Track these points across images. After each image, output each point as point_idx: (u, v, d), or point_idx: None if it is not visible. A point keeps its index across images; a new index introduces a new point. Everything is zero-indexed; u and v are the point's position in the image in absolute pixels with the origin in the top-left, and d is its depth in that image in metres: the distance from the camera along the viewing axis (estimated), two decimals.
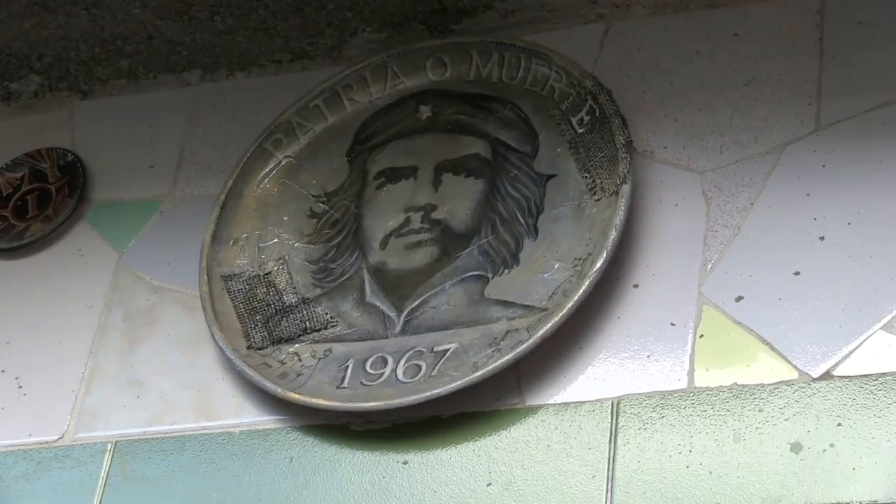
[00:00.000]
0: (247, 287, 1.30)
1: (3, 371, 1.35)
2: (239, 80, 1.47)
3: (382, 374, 1.21)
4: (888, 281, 1.13)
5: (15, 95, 1.51)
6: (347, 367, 1.22)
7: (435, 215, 1.28)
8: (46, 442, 1.28)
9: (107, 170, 1.45)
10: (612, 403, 1.15)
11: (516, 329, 1.19)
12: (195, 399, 1.27)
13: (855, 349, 1.12)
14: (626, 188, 1.20)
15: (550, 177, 1.27)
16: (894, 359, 1.10)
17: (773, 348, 1.14)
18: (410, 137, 1.34)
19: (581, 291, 1.17)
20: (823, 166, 1.21)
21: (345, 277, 1.29)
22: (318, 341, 1.26)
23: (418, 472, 1.17)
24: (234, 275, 1.31)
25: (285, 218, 1.34)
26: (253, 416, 1.24)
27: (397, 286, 1.26)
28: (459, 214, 1.28)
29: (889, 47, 1.25)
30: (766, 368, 1.13)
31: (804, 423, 1.09)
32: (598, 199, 1.22)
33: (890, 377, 1.09)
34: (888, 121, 1.21)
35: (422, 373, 1.19)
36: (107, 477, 1.24)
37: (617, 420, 1.14)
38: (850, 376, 1.10)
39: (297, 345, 1.26)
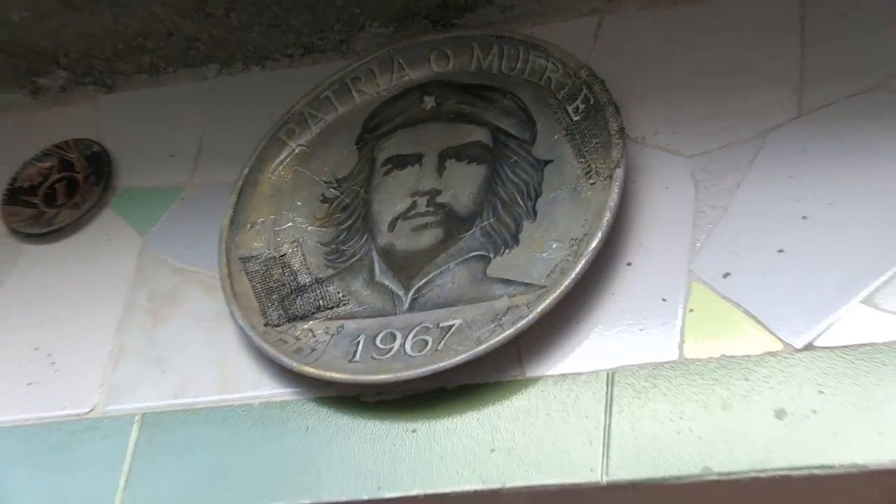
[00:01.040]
0: (263, 268, 1.31)
1: (36, 349, 1.36)
2: (253, 73, 1.48)
3: (391, 348, 1.22)
4: (867, 257, 1.14)
5: (43, 90, 1.52)
6: (359, 342, 1.23)
7: (439, 199, 1.29)
8: (78, 414, 1.29)
9: (130, 159, 1.46)
10: (608, 374, 1.15)
11: (517, 305, 1.19)
12: (216, 373, 1.28)
13: (836, 322, 1.12)
14: (619, 172, 1.21)
15: (548, 162, 1.27)
16: (873, 330, 1.11)
17: (758, 321, 1.14)
18: (416, 126, 1.35)
19: (577, 270, 1.17)
20: (805, 150, 1.22)
21: (355, 258, 1.30)
22: (330, 318, 1.26)
23: (426, 439, 1.18)
24: (252, 257, 1.32)
25: (299, 203, 1.35)
26: (271, 389, 1.25)
27: (404, 266, 1.27)
28: (462, 198, 1.28)
29: (868, 36, 1.25)
30: (751, 340, 1.13)
31: (788, 391, 1.10)
32: (593, 183, 1.23)
33: (868, 347, 1.10)
34: (867, 106, 1.22)
35: (428, 347, 1.20)
36: (135, 447, 1.25)
37: (612, 390, 1.15)
38: (831, 347, 1.11)
39: (311, 322, 1.27)
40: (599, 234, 1.18)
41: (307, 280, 1.29)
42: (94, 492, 1.24)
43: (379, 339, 1.23)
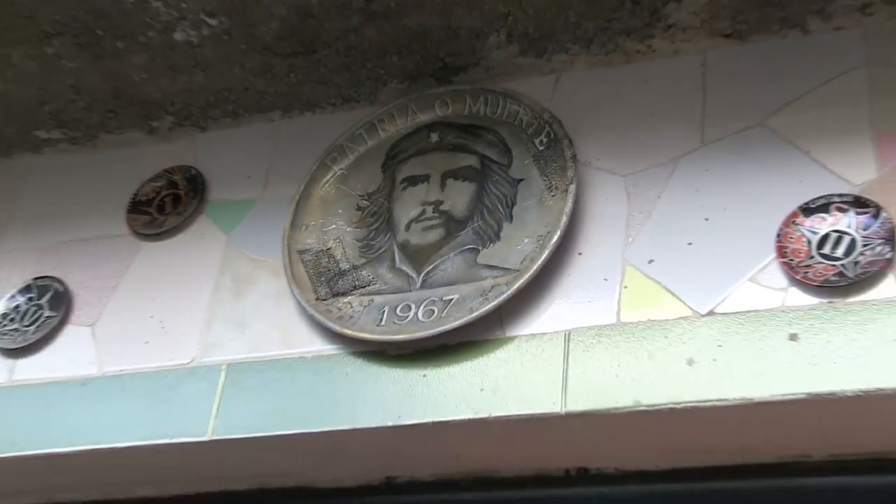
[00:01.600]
0: (314, 258, 1.30)
1: (151, 317, 1.34)
2: (307, 117, 1.45)
3: (408, 316, 1.20)
4: (751, 247, 1.13)
5: (155, 130, 1.50)
6: (384, 311, 1.22)
7: (442, 207, 1.27)
8: (181, 364, 1.28)
9: (218, 179, 1.44)
10: (565, 334, 1.14)
11: (499, 284, 1.18)
12: (281, 334, 1.26)
13: (730, 294, 1.11)
14: (572, 187, 1.20)
15: (520, 180, 1.26)
16: (756, 300, 1.10)
17: (674, 294, 1.13)
18: (424, 154, 1.33)
19: (543, 258, 1.17)
20: (707, 170, 1.20)
21: (381, 250, 1.28)
22: (363, 294, 1.25)
23: (433, 382, 1.17)
24: (306, 250, 1.30)
25: (340, 211, 1.33)
26: (320, 346, 1.24)
27: (417, 256, 1.26)
28: (459, 206, 1.27)
29: (751, 88, 1.24)
30: (669, 308, 1.12)
31: (695, 345, 1.09)
32: (554, 195, 1.22)
33: (753, 313, 1.09)
34: (750, 139, 1.20)
35: (435, 315, 1.19)
36: (223, 388, 1.24)
37: (568, 345, 1.14)
38: (726, 313, 1.10)
39: (349, 297, 1.25)
40: (558, 232, 1.18)
41: (346, 266, 1.28)
42: (194, 420, 1.23)
43: (399, 309, 1.21)
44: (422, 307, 1.20)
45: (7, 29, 1.34)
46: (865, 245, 1.08)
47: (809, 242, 1.10)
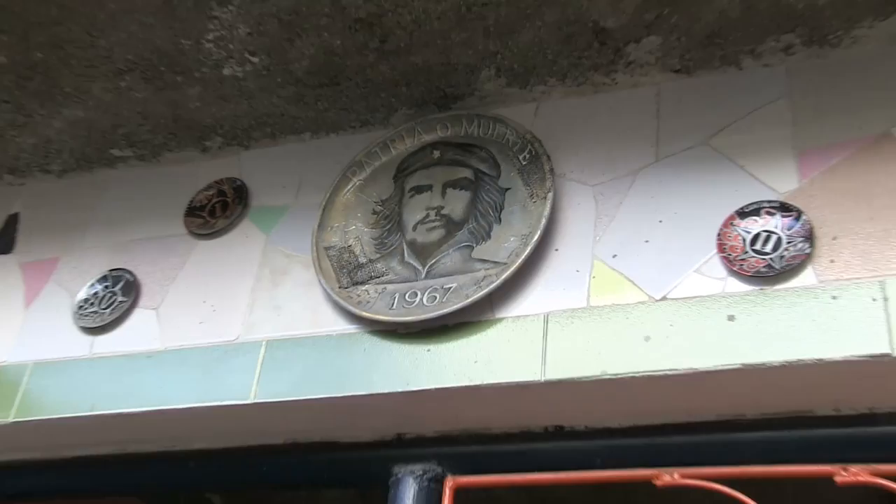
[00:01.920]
0: (338, 254, 1.29)
1: (204, 301, 1.33)
2: (332, 138, 1.45)
3: (415, 301, 1.20)
4: (697, 244, 1.13)
5: (208, 149, 1.50)
6: (395, 297, 1.22)
7: (443, 212, 1.27)
8: (228, 340, 1.28)
9: (259, 189, 1.44)
10: (544, 316, 1.14)
11: (490, 275, 1.18)
12: (310, 316, 1.26)
13: (680, 283, 1.11)
14: (550, 195, 1.20)
15: (507, 189, 1.26)
16: (700, 288, 1.09)
17: (634, 283, 1.13)
18: (428, 168, 1.33)
19: (526, 253, 1.17)
20: (660, 182, 1.20)
21: (393, 247, 1.28)
22: (378, 283, 1.25)
23: (436, 355, 1.17)
24: (331, 247, 1.30)
25: (359, 214, 1.33)
26: (343, 326, 1.24)
27: (422, 252, 1.25)
28: (457, 211, 1.27)
29: (697, 115, 1.24)
30: (630, 295, 1.12)
31: (651, 325, 1.09)
32: (535, 202, 1.22)
33: (698, 298, 1.08)
34: (695, 155, 1.20)
35: (437, 300, 1.19)
36: (262, 360, 1.24)
37: (547, 325, 1.13)
38: (677, 298, 1.10)
39: (366, 286, 1.25)
40: (539, 232, 1.18)
41: (364, 260, 1.28)
42: (239, 385, 1.23)
43: (407, 295, 1.22)
44: (426, 294, 1.20)
45: (89, 66, 1.34)
46: (789, 242, 1.08)
47: (744, 240, 1.10)
